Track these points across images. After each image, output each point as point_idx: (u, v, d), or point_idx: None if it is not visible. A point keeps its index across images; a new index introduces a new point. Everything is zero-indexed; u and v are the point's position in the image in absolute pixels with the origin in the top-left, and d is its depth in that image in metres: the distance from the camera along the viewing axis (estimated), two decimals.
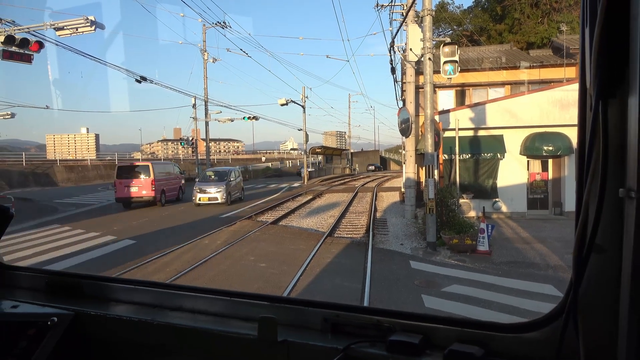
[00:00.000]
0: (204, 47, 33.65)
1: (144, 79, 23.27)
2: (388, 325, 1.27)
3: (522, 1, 34.36)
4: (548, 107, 15.03)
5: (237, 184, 22.51)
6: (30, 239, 12.37)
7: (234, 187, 21.70)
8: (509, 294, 7.24)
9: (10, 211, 1.62)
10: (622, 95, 0.84)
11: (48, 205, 20.71)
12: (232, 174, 22.15)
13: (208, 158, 38.75)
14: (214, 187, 20.09)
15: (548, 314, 1.10)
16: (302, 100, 39.06)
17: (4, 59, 13.25)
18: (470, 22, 37.77)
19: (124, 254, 10.50)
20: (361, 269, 8.88)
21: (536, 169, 15.82)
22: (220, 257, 9.89)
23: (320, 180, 39.97)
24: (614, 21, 0.81)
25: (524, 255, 9.98)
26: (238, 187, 22.67)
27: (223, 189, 20.05)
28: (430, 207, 10.70)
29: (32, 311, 1.61)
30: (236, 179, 22.46)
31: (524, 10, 34.23)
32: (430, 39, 11.34)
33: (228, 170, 22.53)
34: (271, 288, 7.64)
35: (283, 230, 13.69)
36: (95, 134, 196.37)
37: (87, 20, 14.39)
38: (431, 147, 11.23)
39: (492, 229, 10.33)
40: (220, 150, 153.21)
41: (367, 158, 72.09)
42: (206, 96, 34.19)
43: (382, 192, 25.75)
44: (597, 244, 0.90)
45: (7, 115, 24.68)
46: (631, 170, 0.80)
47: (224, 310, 1.53)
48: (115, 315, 1.57)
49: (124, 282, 1.86)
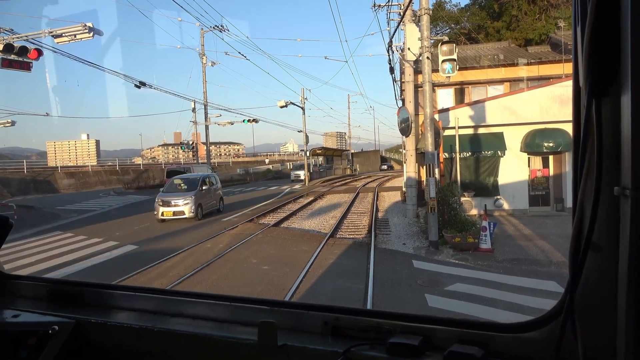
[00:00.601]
0: (202, 51, 33.72)
1: (143, 84, 23.31)
2: (388, 327, 1.27)
3: None
4: (547, 103, 15.01)
5: (213, 193, 19.08)
6: (32, 247, 12.39)
7: (208, 197, 18.24)
8: (512, 292, 7.23)
9: (10, 220, 1.62)
10: (615, 93, 0.84)
11: (50, 212, 20.74)
12: (207, 181, 18.73)
13: (209, 161, 38.78)
14: (181, 198, 16.53)
15: (547, 314, 1.10)
16: (301, 102, 39.08)
17: (3, 67, 13.29)
18: (468, 20, 37.75)
19: (127, 259, 10.51)
20: (364, 269, 8.88)
21: (537, 165, 15.80)
22: (223, 260, 9.90)
23: (322, 181, 39.98)
24: (605, 20, 0.81)
25: (527, 252, 9.97)
26: (214, 197, 19.15)
27: (191, 200, 16.47)
28: (432, 206, 10.69)
29: (33, 320, 1.61)
30: (212, 187, 18.99)
31: (522, 7, 34.20)
32: (428, 38, 11.34)
33: (200, 177, 18.62)
34: (274, 290, 7.64)
35: (285, 232, 13.68)
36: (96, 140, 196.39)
37: (85, 27, 14.43)
38: (431, 146, 11.22)
39: (494, 226, 10.32)
40: (220, 153, 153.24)
41: (368, 158, 72.16)
42: (205, 100, 34.24)
43: (384, 192, 25.74)
44: (593, 243, 0.90)
45: (8, 123, 24.74)
46: (625, 168, 0.80)
47: (225, 315, 1.53)
48: (117, 323, 1.57)
49: (125, 289, 1.86)
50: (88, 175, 40.27)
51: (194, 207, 16.45)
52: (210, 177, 19.76)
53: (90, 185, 38.65)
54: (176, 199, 16.52)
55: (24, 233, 14.31)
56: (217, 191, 19.69)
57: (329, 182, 38.49)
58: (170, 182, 19.10)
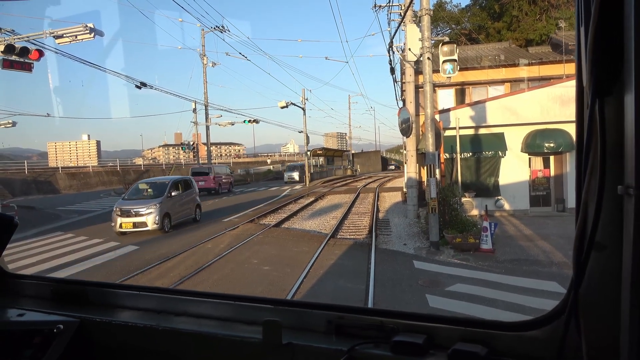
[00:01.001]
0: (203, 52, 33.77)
1: (144, 84, 23.35)
2: (392, 326, 1.28)
3: None
4: (548, 104, 15.01)
5: (186, 200, 16.08)
6: (33, 247, 12.41)
7: (179, 204, 15.36)
8: (513, 292, 7.23)
9: (15, 220, 1.63)
10: (618, 93, 0.85)
11: (51, 212, 20.77)
12: (179, 185, 15.68)
13: (209, 162, 38.80)
14: (143, 206, 13.90)
15: (550, 312, 1.11)
16: (302, 103, 39.12)
17: (4, 68, 13.32)
18: (469, 20, 37.76)
19: (128, 259, 10.52)
20: (365, 270, 8.88)
21: (538, 166, 15.80)
22: (223, 261, 9.90)
23: (322, 181, 39.99)
24: (608, 19, 0.82)
25: (528, 252, 9.97)
26: (188, 205, 16.17)
27: (155, 209, 13.81)
28: (433, 206, 10.69)
29: (38, 319, 1.62)
30: (183, 193, 15.76)
31: (522, 7, 34.20)
32: (429, 38, 11.34)
33: (170, 181, 15.52)
34: (276, 290, 7.65)
35: (286, 232, 13.68)
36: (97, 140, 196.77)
37: (86, 27, 14.46)
38: (432, 147, 11.22)
39: (495, 227, 10.32)
40: (221, 154, 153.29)
41: (369, 158, 72.21)
42: (206, 100, 34.28)
43: (384, 192, 25.74)
44: (597, 242, 0.90)
45: (9, 123, 24.78)
46: (629, 167, 0.80)
47: (229, 314, 1.54)
48: (121, 322, 1.58)
49: (129, 289, 1.86)
50: (89, 176, 40.31)
51: (159, 217, 13.77)
52: (183, 181, 16.56)
53: (91, 186, 38.69)
54: (138, 207, 13.89)
55: (26, 233, 14.33)
56: (191, 197, 16.57)
57: (329, 182, 38.49)
58: (134, 186, 16.24)
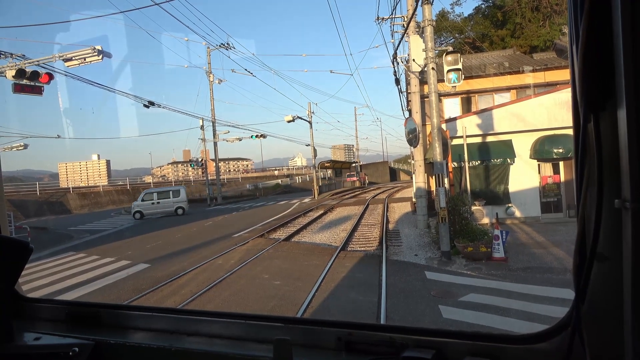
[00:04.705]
0: (209, 69, 34.19)
1: (152, 103, 23.68)
2: (401, 341, 1.29)
3: (522, 5, 34.43)
4: (555, 110, 14.94)
5: None
6: (47, 267, 12.53)
7: None
8: (527, 300, 7.14)
9: (30, 245, 1.67)
10: (611, 108, 0.87)
11: (63, 233, 20.98)
12: None
13: (218, 178, 39.02)
14: None
15: (557, 324, 1.11)
16: (308, 116, 39.31)
17: (16, 92, 13.61)
18: (472, 29, 37.89)
19: (139, 277, 10.57)
20: (376, 282, 8.84)
21: (547, 172, 15.67)
22: (235, 276, 9.91)
23: (331, 194, 39.96)
24: (597, 39, 0.84)
25: (541, 260, 9.85)
26: None
27: None
28: (443, 216, 10.64)
29: (54, 342, 1.64)
30: None
31: (525, 14, 34.27)
32: (433, 48, 11.41)
33: None
34: (287, 305, 7.63)
35: (296, 246, 13.67)
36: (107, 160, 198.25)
37: (95, 50, 14.76)
38: (440, 156, 11.21)
39: (506, 235, 10.22)
40: (230, 169, 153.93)
41: (377, 169, 72.14)
42: (213, 117, 34.61)
43: (393, 202, 25.66)
44: (597, 255, 0.91)
45: (21, 146, 25.24)
46: (625, 182, 0.82)
47: (240, 333, 1.55)
48: (134, 343, 1.60)
49: (141, 310, 1.89)
50: (99, 195, 40.73)
51: None
52: None
53: (102, 205, 39.07)
54: None
55: (39, 254, 14.48)
56: None
57: (338, 194, 38.45)
58: None
